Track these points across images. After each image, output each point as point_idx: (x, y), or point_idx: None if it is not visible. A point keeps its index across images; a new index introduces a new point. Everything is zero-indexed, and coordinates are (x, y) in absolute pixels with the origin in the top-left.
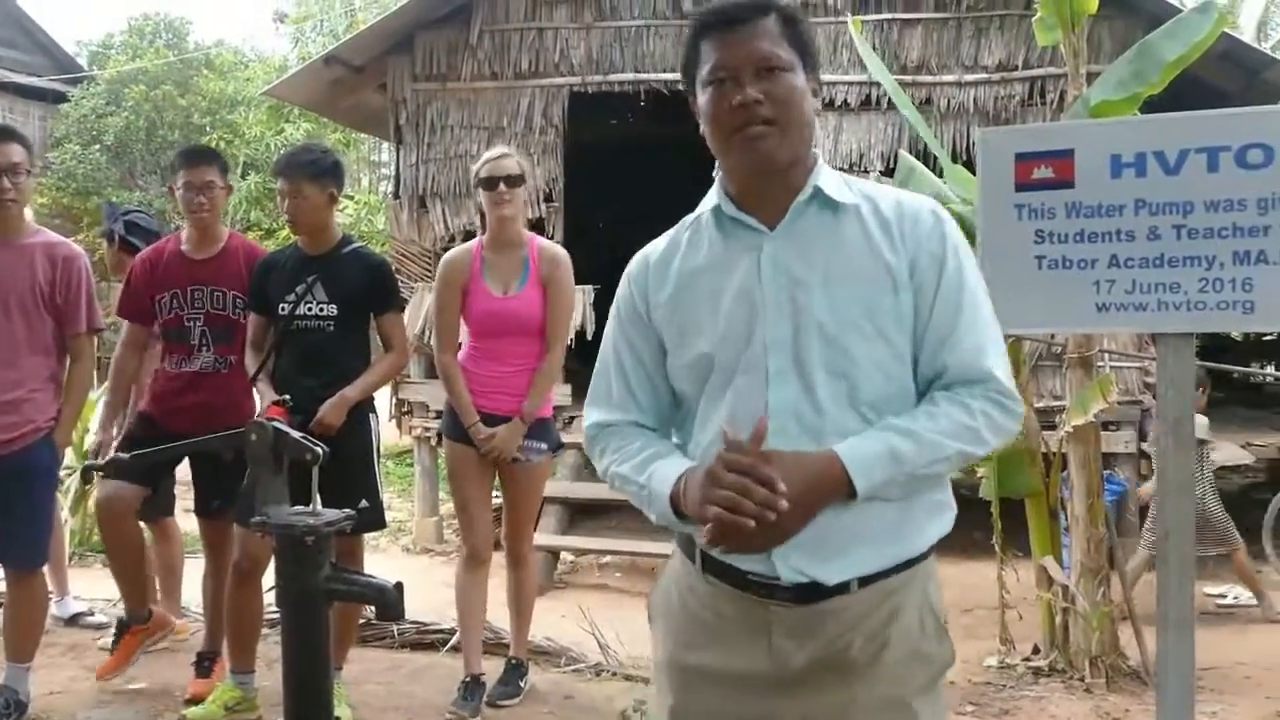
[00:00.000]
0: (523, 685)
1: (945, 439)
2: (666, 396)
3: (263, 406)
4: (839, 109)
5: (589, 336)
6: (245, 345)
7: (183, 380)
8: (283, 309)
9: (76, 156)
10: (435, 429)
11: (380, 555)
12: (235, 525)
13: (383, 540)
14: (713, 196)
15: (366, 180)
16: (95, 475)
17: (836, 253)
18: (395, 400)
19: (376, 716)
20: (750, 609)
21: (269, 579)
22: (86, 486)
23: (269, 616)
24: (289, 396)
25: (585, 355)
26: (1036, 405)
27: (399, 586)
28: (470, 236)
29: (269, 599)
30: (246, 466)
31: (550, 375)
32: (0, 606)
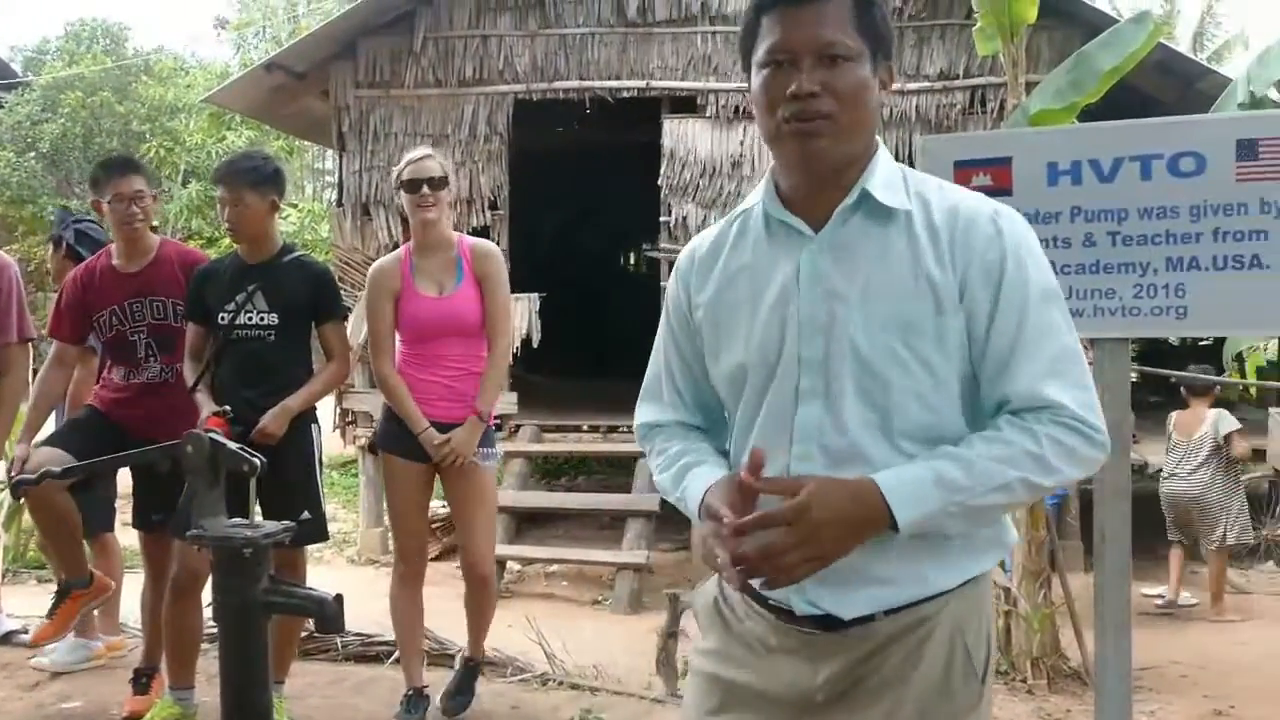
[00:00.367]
0: (475, 690)
1: (1004, 465)
2: (713, 396)
3: (202, 418)
4: None
5: (534, 344)
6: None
7: (132, 390)
8: (222, 318)
9: (10, 164)
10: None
11: (324, 567)
12: (174, 539)
13: (327, 552)
14: (761, 190)
15: (310, 188)
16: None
17: (880, 266)
18: (339, 410)
19: None
20: (780, 632)
21: (208, 593)
22: (19, 502)
23: (208, 631)
24: (229, 407)
25: (529, 362)
26: None
27: (339, 599)
28: None
29: (208, 613)
30: (181, 481)
31: (498, 373)
32: None
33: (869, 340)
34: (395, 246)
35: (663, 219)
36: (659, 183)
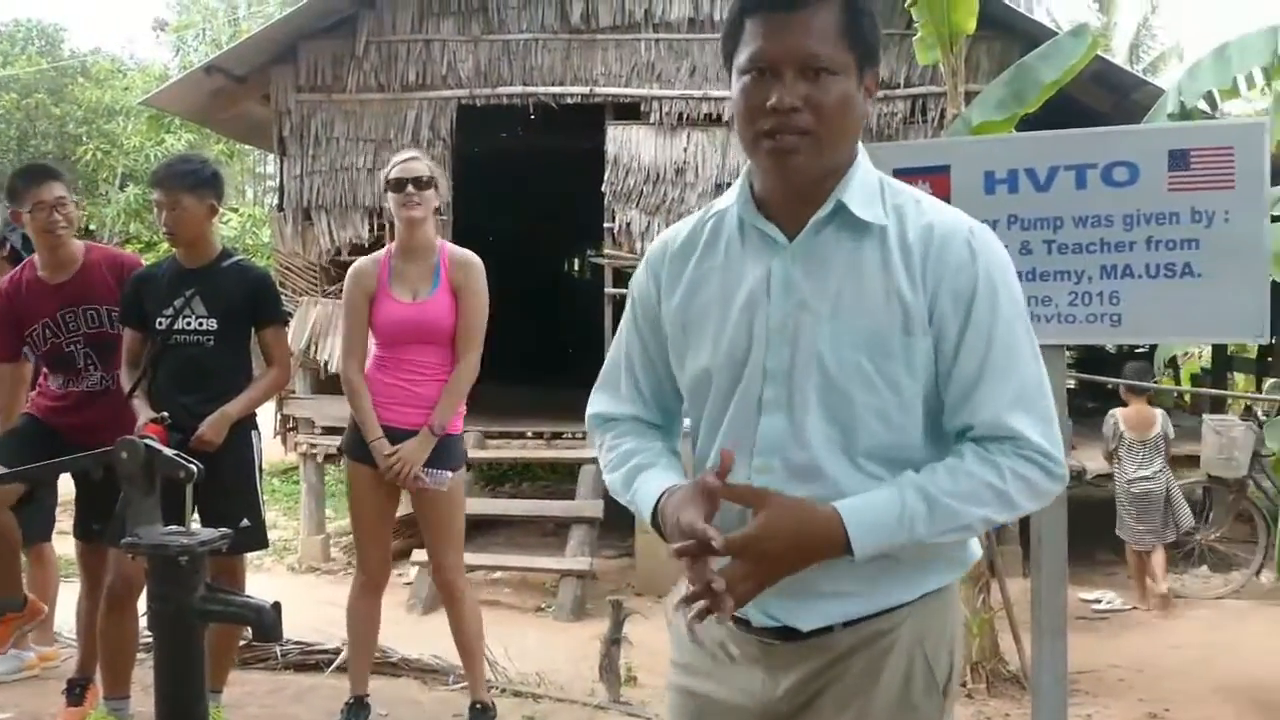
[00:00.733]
0: None
1: (967, 505)
2: (673, 394)
3: (139, 424)
4: (728, 124)
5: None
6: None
7: (71, 399)
8: (160, 323)
9: None
10: (321, 445)
11: (265, 575)
12: (110, 548)
13: (267, 559)
14: (736, 191)
15: (251, 192)
16: None
17: (851, 281)
18: (280, 416)
19: None
20: (742, 642)
21: (144, 602)
22: None
23: (144, 640)
24: (167, 414)
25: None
26: None
27: (277, 606)
28: (357, 250)
29: (143, 622)
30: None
31: (461, 386)
32: None
33: (836, 355)
34: (337, 252)
35: (607, 225)
36: (603, 189)
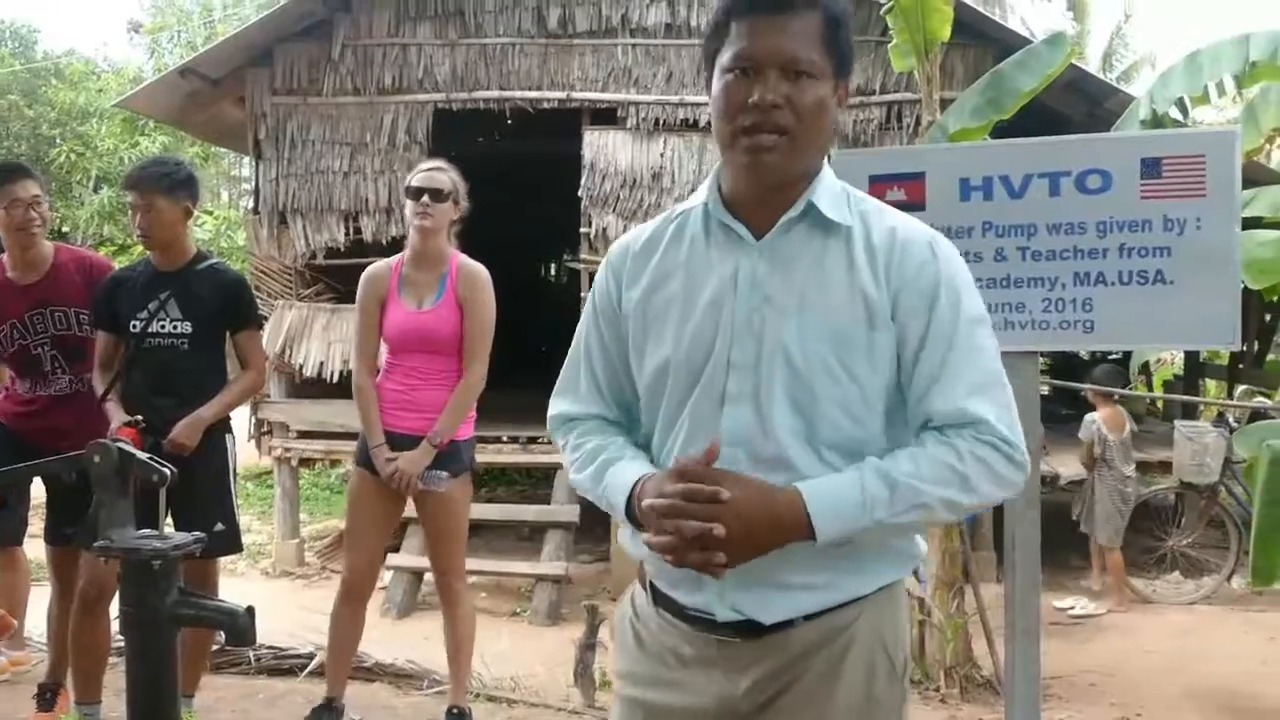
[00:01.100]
0: None
1: (926, 485)
2: (632, 392)
3: (113, 427)
4: (703, 130)
5: None
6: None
7: (39, 403)
8: (134, 326)
9: None
10: (296, 449)
11: (239, 579)
12: (82, 551)
13: (241, 564)
14: (705, 191)
15: (226, 195)
16: None
17: (817, 277)
18: (254, 420)
19: None
20: (699, 644)
21: (116, 606)
22: None
23: (116, 645)
24: (141, 417)
25: None
26: None
27: (250, 611)
28: (333, 253)
29: (115, 626)
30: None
31: (466, 397)
32: None
33: (802, 349)
34: (312, 255)
35: (583, 230)
36: (579, 194)
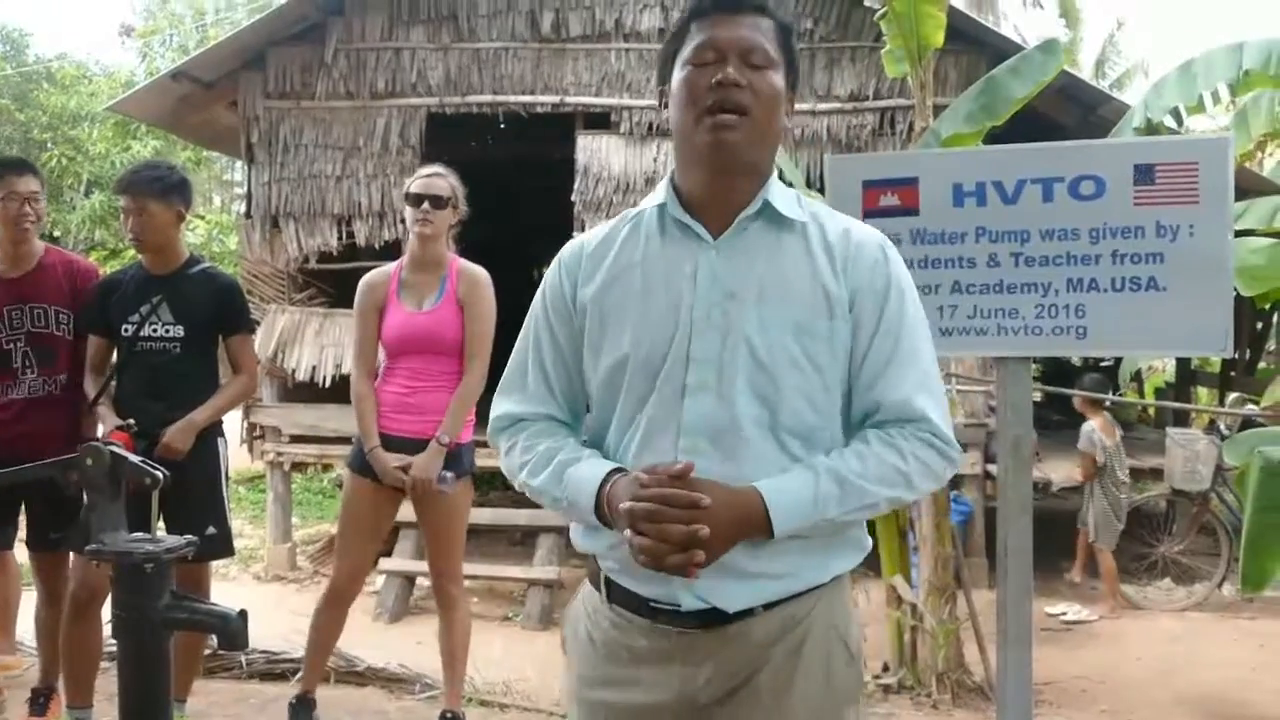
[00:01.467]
0: None
1: (874, 485)
2: (581, 392)
3: (105, 431)
4: None
5: None
6: (70, 365)
7: (11, 411)
8: (126, 330)
9: None
10: (288, 454)
11: (231, 583)
12: (73, 555)
13: (233, 568)
14: (659, 193)
15: (219, 199)
16: None
17: (777, 271)
18: (246, 424)
19: None
20: (657, 637)
21: (108, 610)
22: None
23: (108, 649)
24: (133, 421)
25: None
26: None
27: (243, 614)
28: (326, 258)
29: (108, 630)
30: (78, 498)
31: (467, 397)
32: None
33: (765, 339)
34: (305, 260)
35: (576, 234)
36: (572, 198)
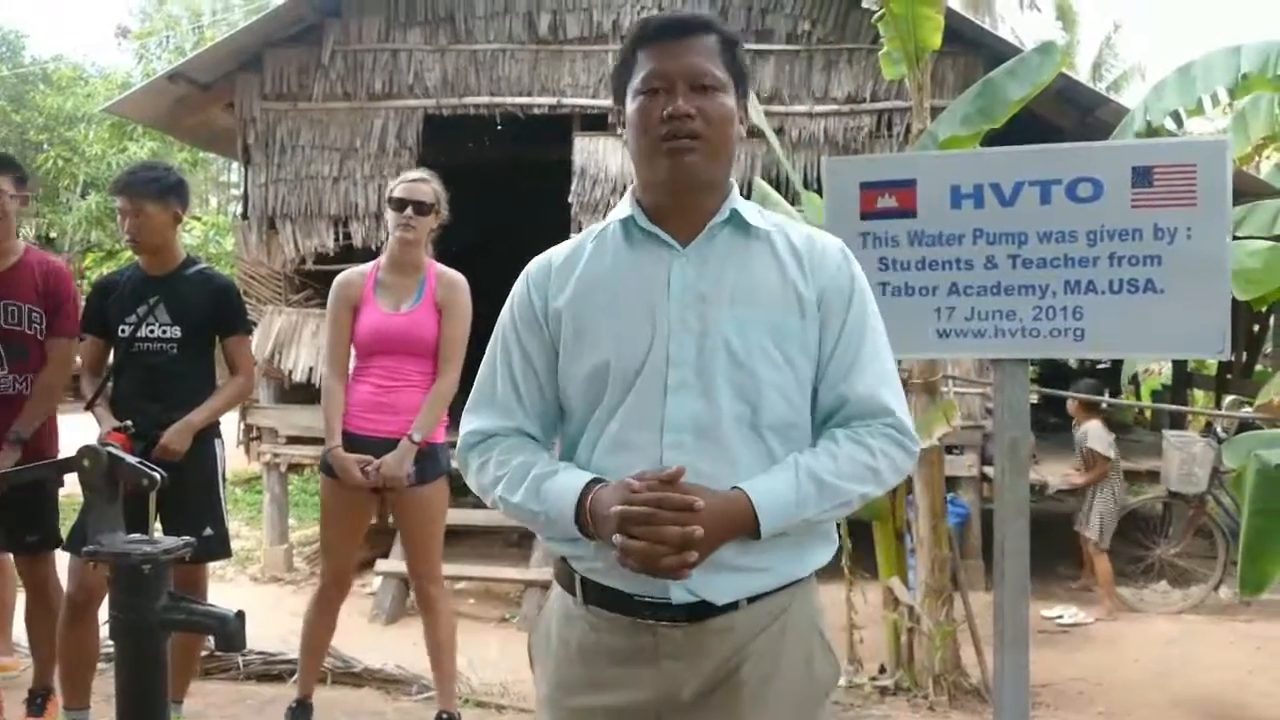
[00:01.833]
0: None
1: (849, 484)
2: (554, 405)
3: (102, 432)
4: None
5: None
6: (40, 365)
7: None
8: (123, 331)
9: None
10: (285, 455)
11: (227, 584)
12: (70, 556)
13: (230, 569)
14: (624, 208)
15: (215, 201)
16: None
17: (747, 275)
18: (243, 426)
19: None
20: (637, 635)
21: (104, 611)
22: None
23: (105, 650)
24: (130, 422)
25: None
26: None
27: (240, 615)
28: (322, 259)
29: (105, 631)
30: (52, 499)
31: (441, 397)
32: None
33: (743, 340)
34: (302, 261)
35: (573, 236)
36: (569, 200)
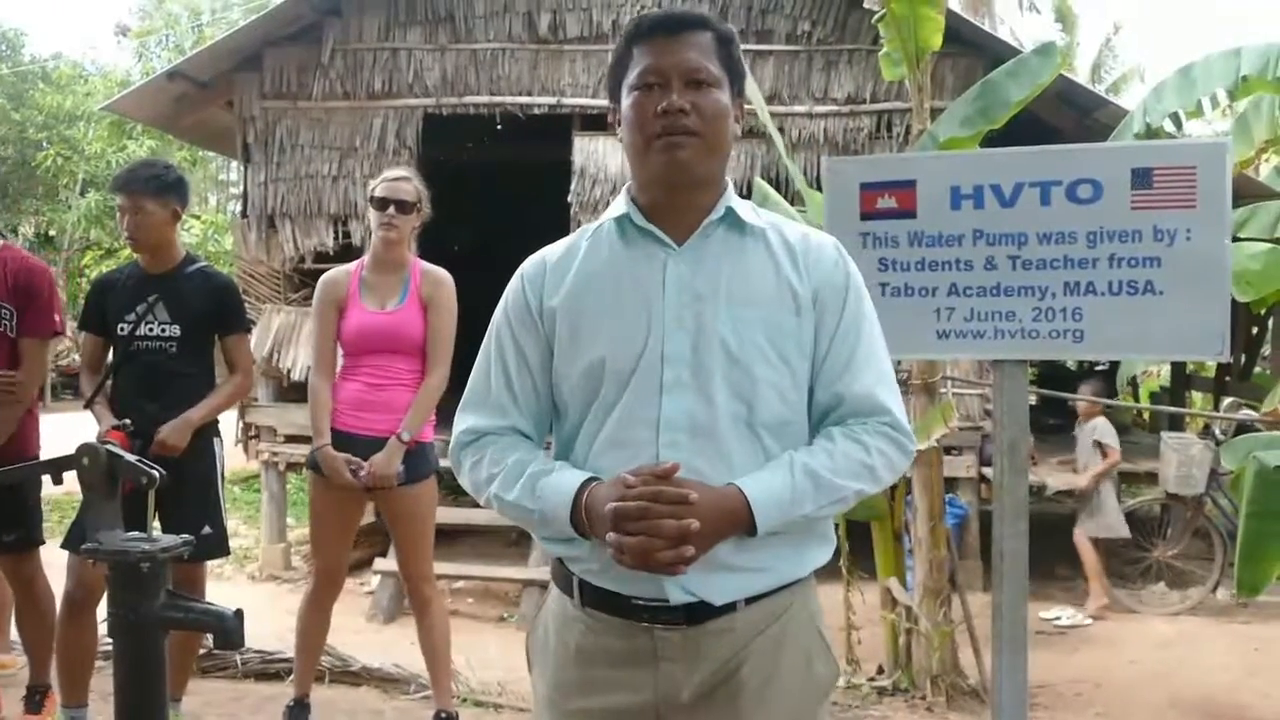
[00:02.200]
0: None
1: (845, 481)
2: (548, 403)
3: (101, 430)
4: None
5: None
6: (9, 363)
7: None
8: (122, 329)
9: None
10: (283, 454)
11: (225, 583)
12: (69, 554)
13: (228, 568)
14: (619, 206)
15: (215, 200)
16: None
17: (742, 273)
18: (242, 424)
19: None
20: (635, 637)
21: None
22: None
23: (103, 648)
24: (129, 420)
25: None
26: None
27: (239, 614)
28: (322, 258)
29: (103, 629)
30: (32, 497)
31: (430, 395)
32: None
33: (737, 338)
34: (301, 260)
35: None
36: (569, 199)
